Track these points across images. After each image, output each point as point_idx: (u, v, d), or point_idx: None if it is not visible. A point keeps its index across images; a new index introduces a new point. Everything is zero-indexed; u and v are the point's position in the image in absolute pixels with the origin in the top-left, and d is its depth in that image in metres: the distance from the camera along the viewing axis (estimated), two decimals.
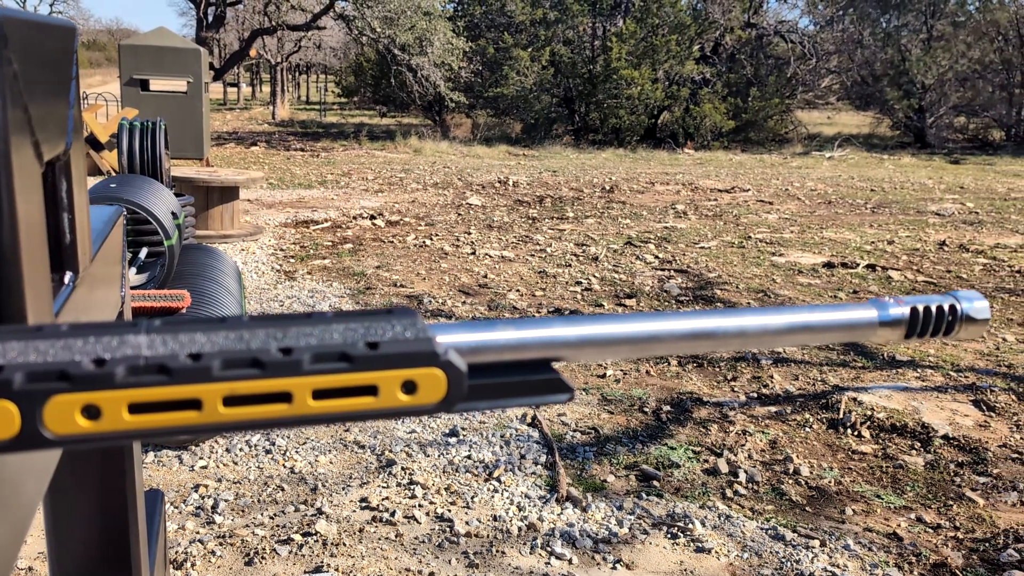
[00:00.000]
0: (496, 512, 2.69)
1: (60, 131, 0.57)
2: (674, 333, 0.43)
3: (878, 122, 22.78)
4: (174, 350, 0.35)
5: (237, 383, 0.35)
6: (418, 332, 0.38)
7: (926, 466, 3.17)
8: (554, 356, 0.42)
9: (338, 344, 0.37)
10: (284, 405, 0.36)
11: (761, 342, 0.44)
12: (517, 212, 8.95)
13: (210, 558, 2.34)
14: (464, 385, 0.38)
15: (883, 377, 4.08)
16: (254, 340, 0.36)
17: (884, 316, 0.46)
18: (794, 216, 9.17)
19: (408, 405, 0.38)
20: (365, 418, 0.38)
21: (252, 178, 7.77)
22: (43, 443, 0.33)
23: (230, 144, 16.19)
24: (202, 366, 0.35)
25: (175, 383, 0.34)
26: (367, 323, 0.38)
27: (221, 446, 3.11)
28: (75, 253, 0.60)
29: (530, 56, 18.73)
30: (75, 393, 0.33)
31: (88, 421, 0.34)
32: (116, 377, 0.34)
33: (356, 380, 0.37)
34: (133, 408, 0.34)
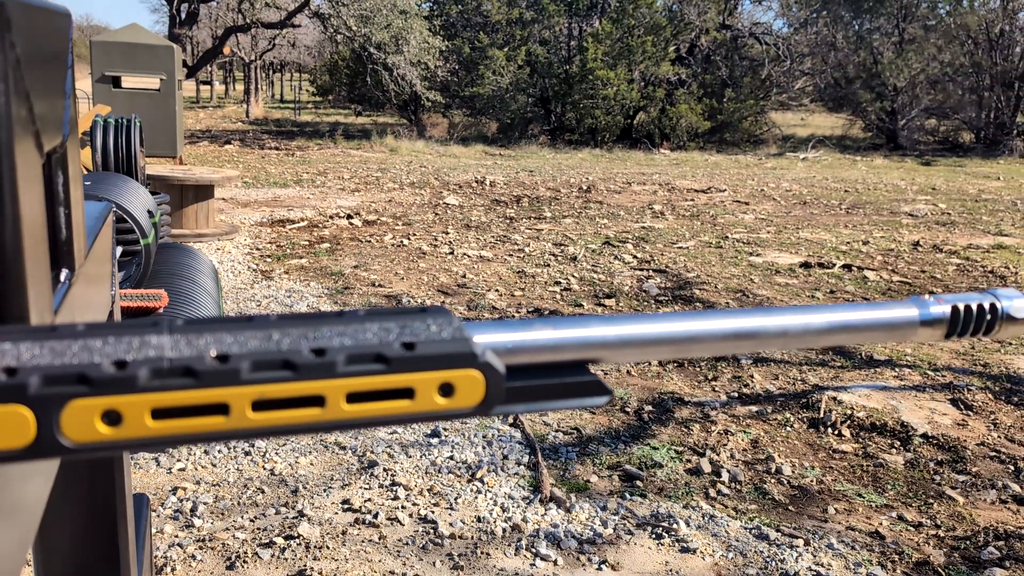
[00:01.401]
0: (480, 513, 2.67)
1: (58, 122, 0.54)
2: (716, 333, 0.41)
3: (851, 124, 22.99)
4: (200, 351, 0.32)
5: (267, 386, 0.33)
6: (455, 332, 0.36)
7: (906, 465, 3.19)
8: (592, 357, 0.40)
9: (373, 345, 0.34)
10: (317, 409, 0.34)
11: (803, 341, 0.42)
12: (495, 212, 8.92)
13: (190, 562, 2.30)
14: (503, 387, 0.37)
15: (862, 376, 4.10)
16: (285, 340, 0.34)
17: (925, 315, 0.45)
18: (770, 216, 9.22)
19: (445, 409, 0.36)
20: (401, 422, 0.36)
21: (227, 176, 7.69)
22: (61, 451, 0.31)
23: (204, 142, 16.03)
24: (230, 368, 0.32)
25: (201, 386, 0.32)
26: (402, 322, 0.36)
27: (199, 448, 3.06)
28: (71, 250, 0.58)
29: (506, 56, 18.72)
30: (95, 397, 0.31)
31: (108, 427, 0.31)
32: (139, 380, 0.31)
33: (392, 382, 0.35)
34: (157, 413, 0.32)
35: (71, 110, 0.58)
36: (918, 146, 20.69)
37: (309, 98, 36.45)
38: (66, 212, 0.57)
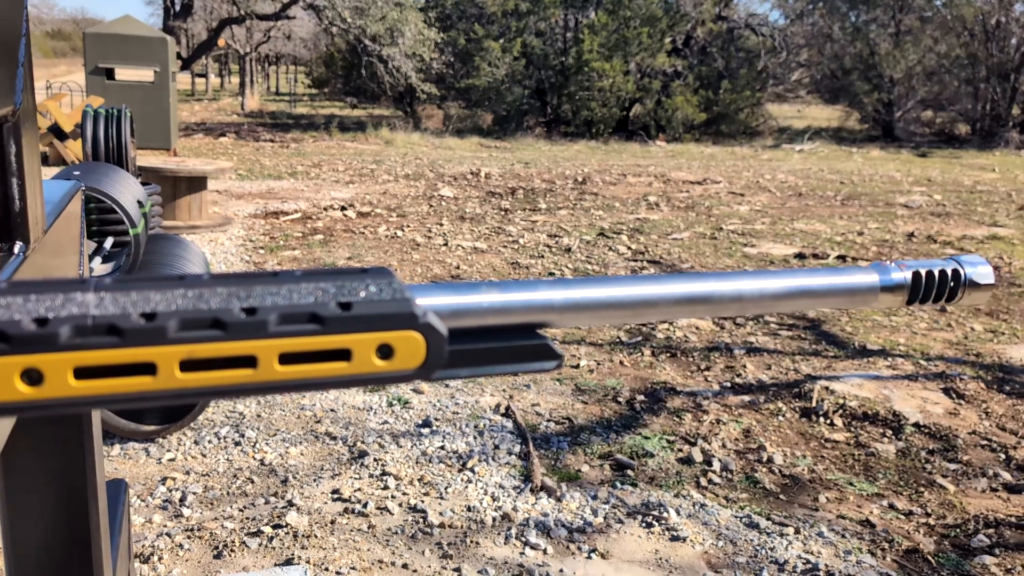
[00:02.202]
0: (470, 502, 2.67)
1: (9, 90, 0.53)
2: (669, 297, 0.40)
3: (847, 116, 22.97)
4: (126, 309, 0.31)
5: (196, 345, 0.32)
6: (395, 292, 0.35)
7: (897, 453, 3.19)
8: (541, 321, 0.39)
9: (308, 304, 0.33)
10: (249, 370, 0.33)
11: (759, 307, 0.42)
12: (489, 204, 8.91)
13: (178, 551, 2.29)
14: (445, 350, 0.36)
15: (854, 366, 4.10)
16: (215, 299, 0.33)
17: (886, 280, 0.44)
18: (765, 208, 9.21)
19: (384, 371, 0.35)
20: (337, 385, 0.35)
21: (221, 168, 7.66)
22: None
23: (198, 135, 15.98)
24: (157, 326, 0.31)
25: (127, 345, 0.31)
26: (339, 282, 0.35)
27: (189, 438, 3.06)
28: (25, 222, 0.57)
29: (502, 47, 18.67)
30: (14, 355, 0.30)
31: (29, 387, 0.30)
32: (60, 338, 0.30)
33: (327, 343, 0.34)
34: (80, 372, 0.31)
35: (24, 79, 0.56)
36: (914, 138, 20.68)
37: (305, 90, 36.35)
38: (19, 183, 0.56)
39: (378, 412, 3.37)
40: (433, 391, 3.61)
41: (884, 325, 4.82)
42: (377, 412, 3.36)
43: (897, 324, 4.84)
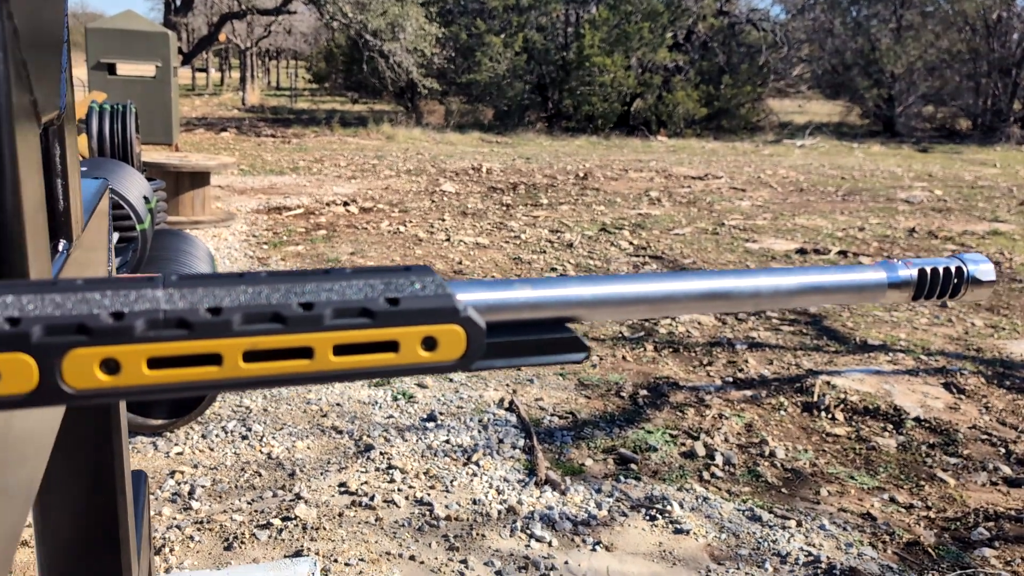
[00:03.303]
0: (475, 496, 2.70)
1: (55, 94, 0.55)
2: (690, 293, 0.43)
3: (848, 111, 22.98)
4: (193, 304, 0.34)
5: (258, 338, 0.35)
6: (437, 289, 0.37)
7: (898, 447, 3.22)
8: (570, 316, 0.42)
9: (359, 300, 0.36)
10: (305, 361, 0.35)
11: (774, 302, 0.44)
12: (491, 199, 8.93)
13: (188, 543, 2.32)
14: (483, 342, 0.38)
15: (856, 361, 4.13)
16: (274, 295, 0.35)
17: (893, 278, 0.47)
18: (766, 203, 9.23)
19: (428, 362, 0.37)
20: (386, 375, 0.37)
21: (223, 163, 7.69)
22: (62, 398, 0.33)
23: (200, 130, 16.00)
24: (222, 320, 0.34)
25: (195, 337, 0.34)
26: (387, 279, 0.37)
27: (197, 432, 3.08)
28: (69, 221, 0.59)
29: (503, 42, 18.67)
30: (94, 347, 0.33)
31: (107, 376, 0.33)
32: (135, 331, 0.33)
33: (377, 336, 0.36)
34: (152, 363, 0.34)
35: (67, 84, 0.59)
36: (915, 133, 20.68)
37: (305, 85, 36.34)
38: (63, 184, 0.58)
39: (383, 406, 3.39)
40: (437, 386, 3.64)
41: (885, 321, 4.84)
42: (382, 406, 3.39)
43: (898, 320, 4.87)
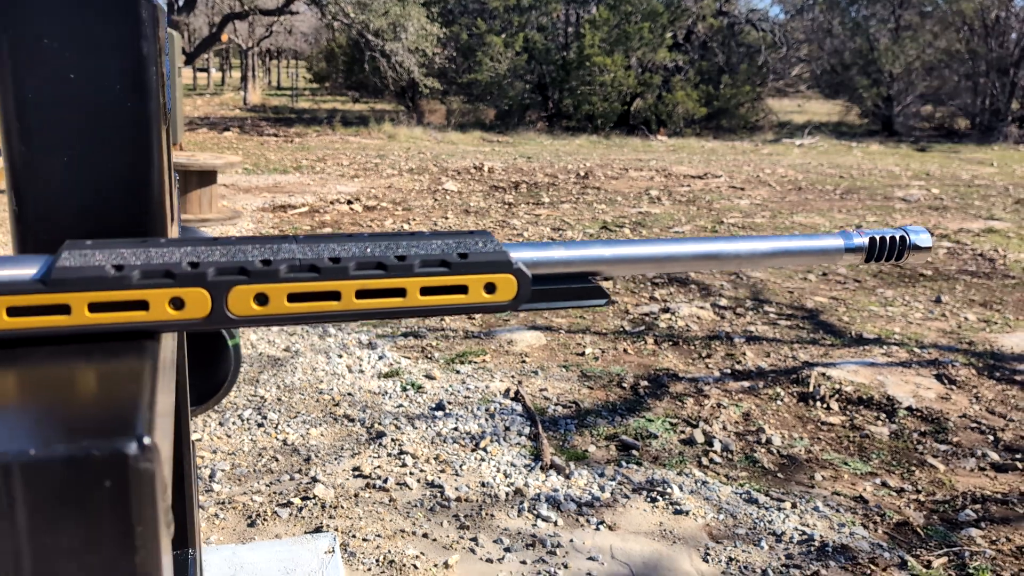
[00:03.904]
0: (484, 479, 2.81)
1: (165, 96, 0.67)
2: (687, 254, 0.55)
3: (847, 110, 23.10)
4: (320, 254, 0.46)
5: (367, 280, 0.47)
6: (496, 247, 0.50)
7: (891, 435, 3.34)
8: (594, 271, 0.54)
9: (439, 254, 0.48)
10: (400, 299, 0.48)
11: (752, 263, 0.56)
12: (493, 197, 9.05)
13: (214, 520, 2.44)
14: (529, 289, 0.50)
15: (851, 354, 4.25)
16: (377, 249, 0.47)
17: (849, 244, 0.59)
18: (765, 202, 9.35)
19: (489, 302, 0.49)
20: (459, 312, 0.49)
21: (229, 162, 7.81)
22: (228, 322, 0.45)
23: (203, 129, 16.12)
24: (341, 266, 0.46)
25: (322, 279, 0.46)
26: (458, 240, 0.49)
27: (214, 420, 3.20)
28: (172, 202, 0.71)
29: (504, 42, 18.79)
30: (251, 284, 0.45)
31: (260, 307, 0.45)
32: (280, 273, 0.45)
33: (452, 281, 0.48)
34: (292, 297, 0.46)
35: (172, 88, 0.71)
36: (914, 132, 20.81)
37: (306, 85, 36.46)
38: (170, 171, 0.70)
39: (393, 396, 3.51)
40: (445, 377, 3.76)
41: (880, 315, 4.97)
42: (392, 396, 3.51)
43: (893, 314, 4.99)
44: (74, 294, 0.41)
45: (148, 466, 0.32)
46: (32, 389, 0.38)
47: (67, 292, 0.41)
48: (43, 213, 0.50)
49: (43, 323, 0.41)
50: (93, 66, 0.50)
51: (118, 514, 0.32)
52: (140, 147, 0.52)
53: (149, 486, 0.32)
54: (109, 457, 0.31)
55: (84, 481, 0.31)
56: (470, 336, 4.36)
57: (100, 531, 0.32)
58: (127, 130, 0.52)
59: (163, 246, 0.44)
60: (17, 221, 0.51)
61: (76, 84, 0.50)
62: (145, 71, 0.52)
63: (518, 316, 4.74)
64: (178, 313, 0.43)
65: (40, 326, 0.41)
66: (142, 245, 0.44)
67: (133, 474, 0.32)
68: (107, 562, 0.32)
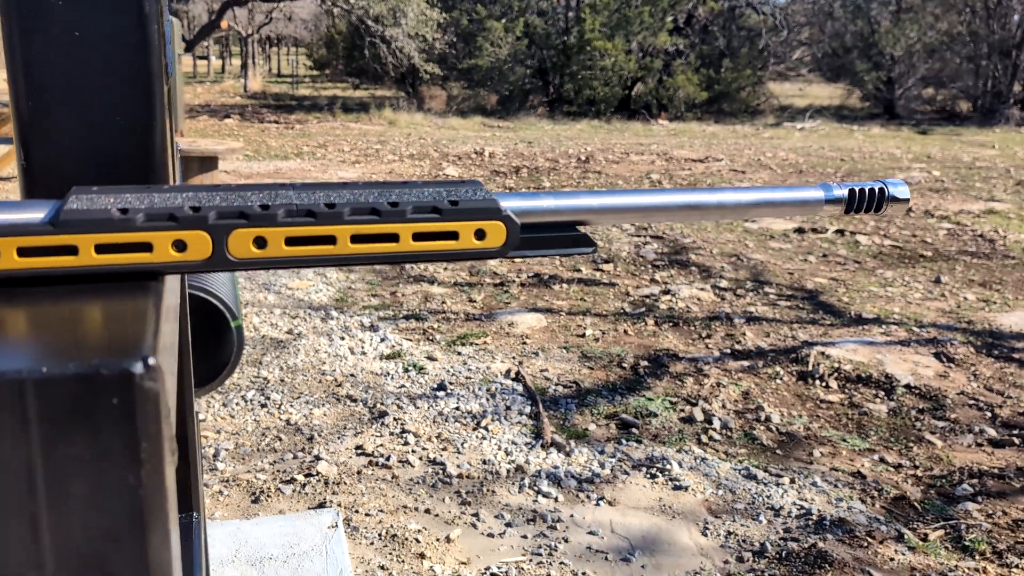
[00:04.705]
0: (485, 456, 2.84)
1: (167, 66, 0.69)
2: (672, 204, 0.57)
3: (848, 94, 23.02)
4: (316, 200, 0.48)
5: (361, 226, 0.49)
6: (485, 195, 0.51)
7: (889, 413, 3.36)
8: (582, 220, 0.55)
9: (431, 201, 0.50)
10: (393, 244, 0.49)
11: (736, 213, 0.58)
12: (494, 182, 9.06)
13: (218, 497, 2.47)
14: (518, 236, 0.52)
15: (850, 333, 4.27)
16: (370, 196, 0.49)
17: (829, 196, 0.60)
18: (766, 185, 9.35)
19: (479, 248, 0.51)
20: (449, 258, 0.51)
21: (231, 148, 7.82)
22: (228, 264, 0.47)
23: (203, 116, 16.11)
24: (337, 212, 0.48)
25: (318, 224, 0.48)
26: (449, 188, 0.51)
27: (217, 401, 3.23)
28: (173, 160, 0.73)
29: (504, 27, 18.74)
30: (250, 228, 0.47)
31: (258, 249, 0.47)
32: (278, 217, 0.47)
33: (443, 227, 0.50)
34: (289, 241, 0.48)
35: (173, 52, 0.73)
36: (915, 115, 20.75)
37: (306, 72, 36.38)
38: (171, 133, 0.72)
39: (395, 377, 3.54)
40: (447, 359, 3.78)
41: (880, 295, 4.98)
42: (394, 377, 3.54)
43: (893, 294, 5.01)
44: (81, 235, 0.43)
45: (153, 385, 0.34)
46: (44, 322, 0.41)
47: (75, 234, 0.43)
48: (51, 164, 0.52)
49: (52, 263, 0.43)
50: (98, 23, 0.52)
51: (125, 429, 0.34)
52: (143, 102, 0.54)
53: (154, 404, 0.34)
54: (117, 375, 0.33)
55: (93, 398, 0.33)
56: (471, 318, 4.39)
57: (108, 445, 0.34)
58: (131, 85, 0.54)
59: (166, 192, 0.46)
60: (25, 173, 0.54)
61: (82, 41, 0.52)
62: (147, 28, 0.54)
63: (519, 299, 4.76)
64: (181, 255, 0.45)
65: (49, 266, 0.43)
66: (146, 191, 0.46)
67: (139, 392, 0.34)
68: (115, 474, 0.34)
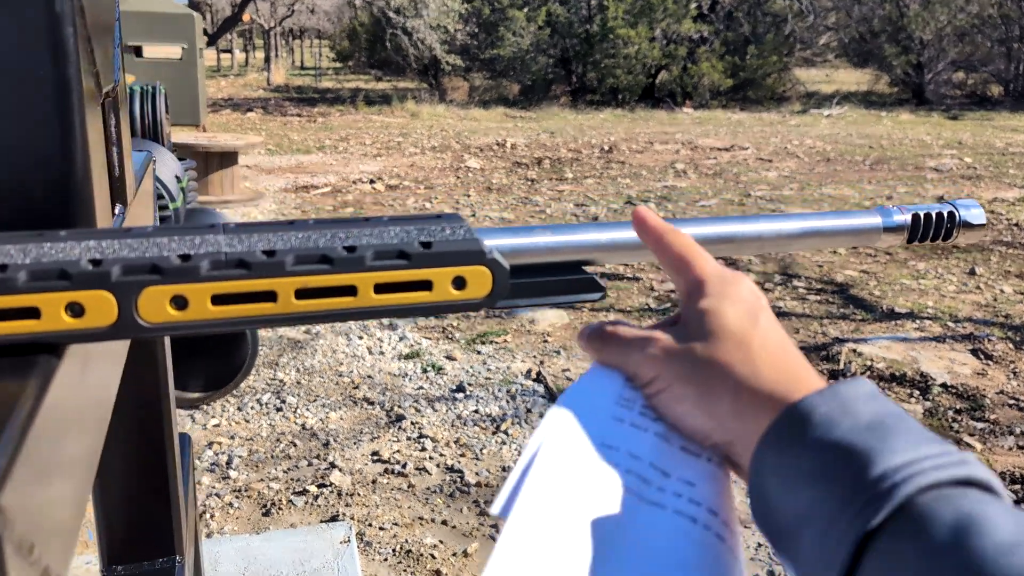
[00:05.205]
0: (505, 463, 2.75)
1: (111, 67, 0.60)
2: (698, 237, 0.47)
3: (876, 79, 22.64)
4: (251, 247, 0.38)
5: (308, 277, 0.39)
6: (466, 233, 0.42)
7: (925, 413, 3.23)
8: (587, 259, 0.46)
9: (396, 243, 0.40)
10: (350, 298, 0.40)
11: (776, 245, 0.48)
12: (516, 174, 8.95)
13: (228, 510, 2.40)
14: (507, 283, 0.42)
15: (882, 329, 4.13)
16: (322, 239, 0.39)
17: (888, 222, 0.50)
18: (793, 174, 9.18)
19: (458, 299, 0.42)
20: (421, 312, 0.41)
21: (250, 143, 7.77)
22: (139, 330, 0.37)
23: (226, 110, 16.11)
24: (277, 261, 0.38)
25: (253, 276, 0.38)
26: (420, 225, 0.41)
27: (232, 404, 3.16)
28: (124, 186, 0.64)
29: (526, 17, 18.58)
30: (165, 285, 0.37)
31: (177, 311, 0.38)
32: (201, 270, 0.37)
33: (412, 276, 0.40)
34: (216, 299, 0.38)
35: (120, 59, 0.63)
36: (945, 100, 20.36)
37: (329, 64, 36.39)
38: (119, 152, 0.63)
39: (413, 378, 3.46)
40: (466, 358, 3.69)
41: (912, 289, 4.83)
42: (412, 378, 3.46)
43: (926, 287, 4.86)
44: None
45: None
46: None
47: None
48: None
49: None
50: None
51: None
52: (56, 120, 0.45)
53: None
54: None
55: None
56: (491, 315, 4.29)
57: None
58: (38, 100, 0.44)
59: (61, 240, 0.37)
60: None
61: None
62: (59, 29, 0.44)
63: None
64: (77, 321, 0.36)
65: None
66: (36, 240, 0.37)
67: None
68: None
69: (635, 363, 0.45)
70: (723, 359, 0.42)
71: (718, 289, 0.44)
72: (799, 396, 0.40)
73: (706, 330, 0.43)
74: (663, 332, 0.45)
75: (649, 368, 0.44)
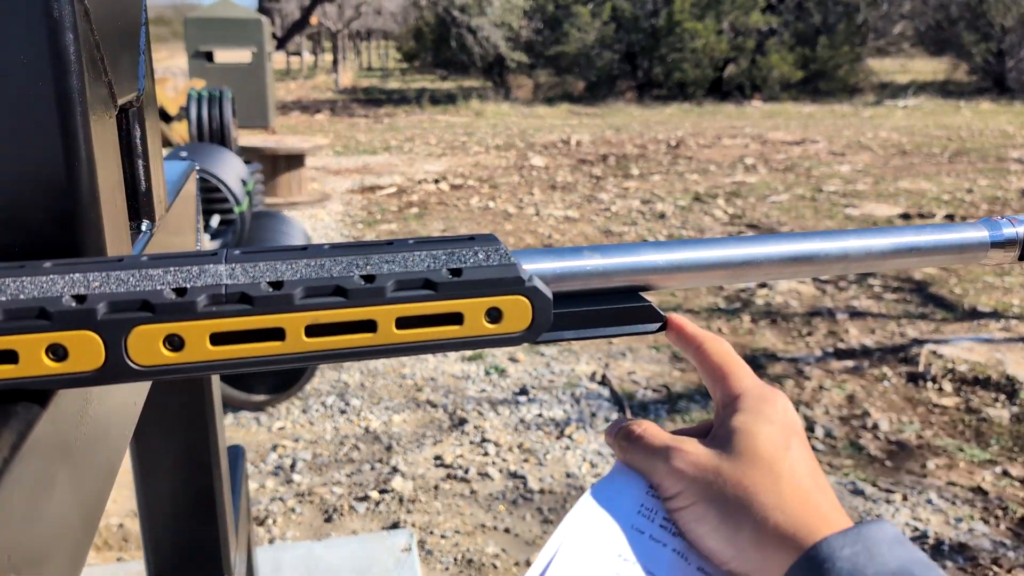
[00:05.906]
0: (569, 469, 2.69)
1: (132, 75, 0.56)
2: (772, 257, 0.41)
3: (954, 68, 21.89)
4: (255, 278, 0.34)
5: (320, 312, 0.34)
6: (501, 258, 0.36)
7: (1011, 419, 3.07)
8: (643, 284, 0.40)
9: (421, 271, 0.35)
10: (368, 334, 0.35)
11: (866, 265, 0.41)
12: (580, 171, 8.87)
13: (290, 515, 2.39)
14: (550, 313, 0.37)
15: (964, 329, 3.95)
16: (336, 267, 0.35)
17: (996, 236, 0.43)
18: (867, 167, 8.90)
19: (493, 334, 0.36)
20: (450, 348, 0.36)
21: (317, 145, 7.84)
22: (129, 375, 0.33)
23: (295, 113, 16.35)
24: (284, 294, 0.34)
25: (257, 312, 0.33)
26: (449, 249, 0.36)
27: (297, 407, 3.17)
28: (151, 201, 0.60)
29: (591, 12, 18.45)
30: (158, 324, 0.33)
31: (172, 352, 0.33)
32: (198, 306, 0.33)
33: (440, 308, 0.35)
34: (215, 338, 0.33)
35: (146, 66, 0.60)
36: None
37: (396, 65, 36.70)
38: (144, 165, 0.59)
39: (476, 381, 3.42)
40: (529, 360, 3.64)
41: (996, 286, 4.62)
42: (475, 381, 3.42)
43: (1011, 285, 4.64)
44: None
45: None
46: None
47: None
48: None
49: None
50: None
51: None
52: (57, 135, 0.41)
53: None
54: None
55: None
56: None
57: None
58: (36, 115, 0.41)
59: (43, 272, 0.33)
60: None
61: None
62: (58, 36, 0.40)
63: None
64: (59, 365, 0.32)
65: None
66: (15, 272, 0.33)
67: None
68: None
69: (661, 474, 0.44)
70: (750, 484, 0.41)
71: (754, 406, 0.44)
72: (823, 535, 0.39)
73: (737, 450, 0.42)
74: (692, 444, 0.44)
75: (674, 482, 0.43)
